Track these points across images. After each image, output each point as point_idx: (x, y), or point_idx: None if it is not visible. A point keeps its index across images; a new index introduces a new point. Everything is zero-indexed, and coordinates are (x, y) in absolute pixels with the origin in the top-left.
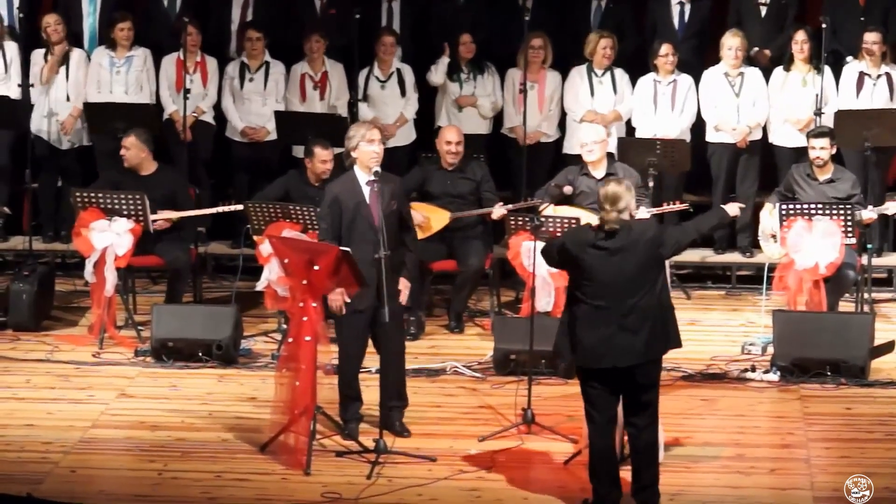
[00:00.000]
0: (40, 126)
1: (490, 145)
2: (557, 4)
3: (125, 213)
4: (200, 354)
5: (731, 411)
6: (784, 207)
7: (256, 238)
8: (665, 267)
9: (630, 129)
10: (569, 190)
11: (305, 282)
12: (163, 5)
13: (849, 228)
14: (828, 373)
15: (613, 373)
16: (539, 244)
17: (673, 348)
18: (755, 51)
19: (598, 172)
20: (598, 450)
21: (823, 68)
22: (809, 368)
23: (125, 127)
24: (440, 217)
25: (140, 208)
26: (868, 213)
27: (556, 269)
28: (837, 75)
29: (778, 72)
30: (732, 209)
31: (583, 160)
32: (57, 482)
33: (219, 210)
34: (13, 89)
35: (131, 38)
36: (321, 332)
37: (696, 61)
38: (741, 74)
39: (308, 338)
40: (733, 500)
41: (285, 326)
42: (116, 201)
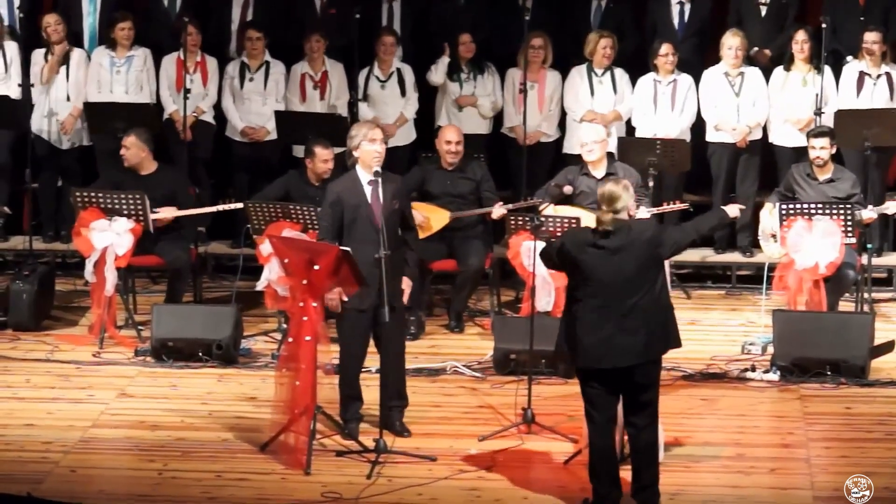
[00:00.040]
0: (40, 126)
1: (490, 145)
2: (557, 4)
3: (125, 213)
4: (200, 354)
5: (731, 411)
6: (784, 207)
7: (256, 238)
8: (665, 267)
9: (630, 129)
10: (569, 190)
11: (305, 281)
12: (163, 5)
13: (849, 228)
14: (828, 372)
15: (613, 373)
16: (539, 244)
17: (673, 348)
18: (755, 50)
19: (599, 172)
20: (598, 450)
21: (823, 68)
22: (809, 368)
23: (125, 127)
24: (440, 217)
25: (140, 208)
26: (868, 213)
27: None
28: (837, 75)
29: (778, 71)
30: (732, 210)
31: (583, 160)
32: (57, 482)
33: (219, 208)
34: (13, 89)
35: (132, 38)
36: (321, 332)
37: (696, 61)
38: (741, 74)
39: (308, 337)
40: (733, 500)
41: (285, 326)
42: (116, 201)
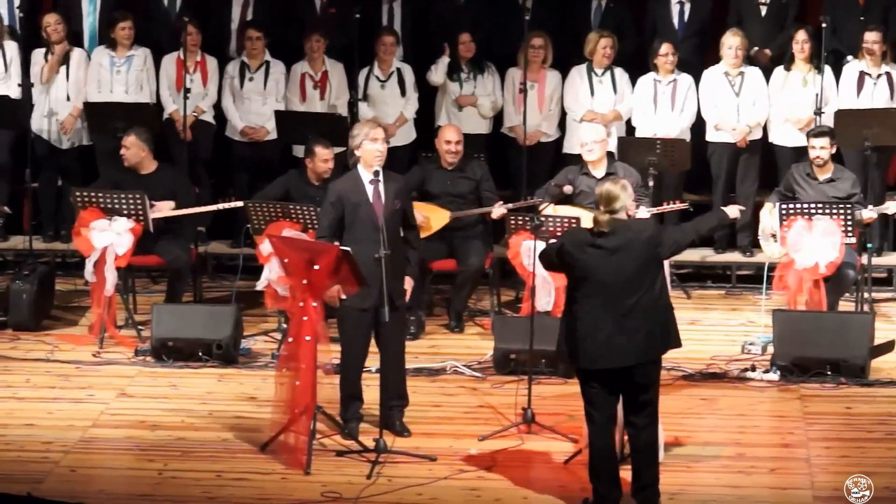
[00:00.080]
0: (40, 125)
1: (490, 145)
2: (557, 4)
3: (125, 213)
4: (200, 354)
5: (732, 411)
6: (784, 207)
7: (256, 237)
8: (664, 267)
9: (630, 129)
10: (569, 189)
11: (305, 281)
12: (163, 5)
13: (849, 228)
14: (828, 372)
15: (613, 373)
16: (539, 243)
17: (673, 348)
18: (755, 50)
19: (599, 172)
20: (598, 449)
21: (824, 68)
22: (809, 368)
23: (125, 126)
24: (440, 216)
25: (140, 208)
26: (868, 213)
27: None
28: (838, 75)
29: (778, 71)
30: (732, 211)
31: (583, 159)
32: (57, 481)
33: (220, 207)
34: (13, 89)
35: (132, 38)
36: (321, 332)
37: (696, 61)
38: (741, 74)
39: (308, 337)
40: (733, 500)
41: (285, 326)
42: (116, 201)
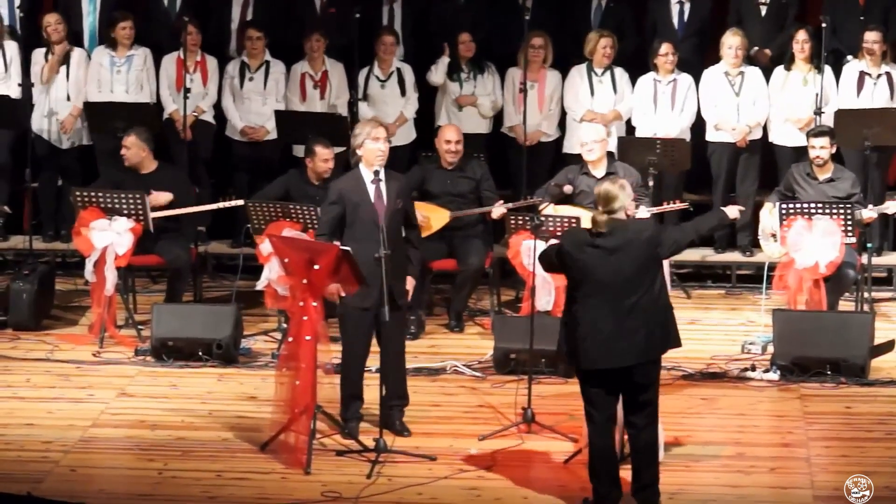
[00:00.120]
0: (41, 125)
1: (490, 144)
2: (557, 4)
3: (125, 213)
4: (200, 353)
5: (731, 410)
6: (784, 207)
7: (257, 237)
8: (664, 266)
9: (630, 129)
10: (569, 189)
11: (305, 281)
12: (163, 4)
13: (849, 227)
14: (828, 372)
15: (613, 373)
16: (539, 243)
17: (672, 348)
18: (755, 50)
19: (599, 171)
20: (598, 449)
21: (824, 67)
22: (809, 367)
23: (125, 126)
24: (440, 216)
25: (140, 207)
26: (868, 213)
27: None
28: (838, 74)
29: (779, 71)
30: (732, 212)
31: (583, 159)
32: (57, 481)
33: (220, 205)
34: (13, 89)
35: (132, 38)
36: (321, 332)
37: (696, 60)
38: (741, 74)
39: (308, 337)
40: (733, 499)
41: (285, 325)
42: (116, 200)
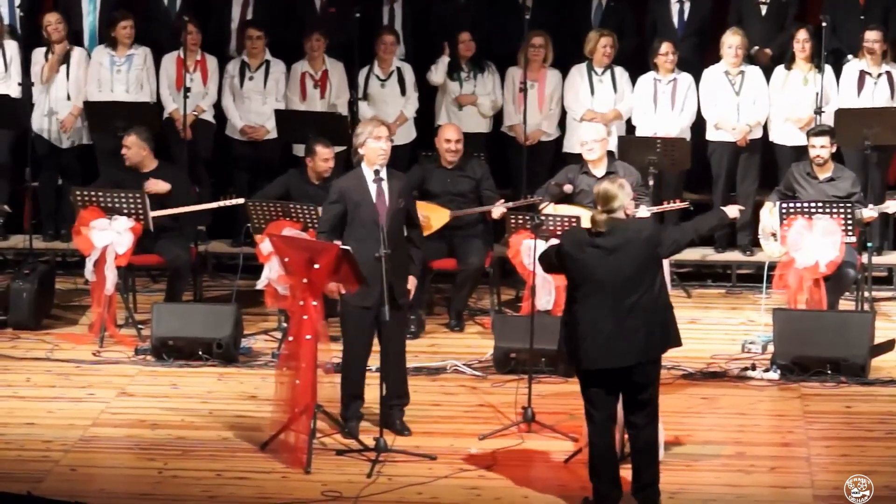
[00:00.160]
0: (41, 125)
1: (490, 144)
2: (558, 3)
3: (125, 212)
4: (201, 353)
5: (732, 410)
6: (784, 206)
7: (257, 237)
8: (664, 266)
9: (630, 128)
10: (569, 188)
11: (306, 280)
12: (163, 4)
13: (849, 227)
14: (828, 371)
15: (613, 372)
16: (539, 242)
17: (673, 347)
18: (755, 50)
19: (599, 171)
20: (598, 449)
21: (824, 67)
22: (810, 367)
23: (125, 125)
24: (440, 215)
25: (140, 207)
26: (868, 212)
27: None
28: (838, 74)
29: (779, 70)
30: (732, 211)
31: (583, 158)
32: (57, 480)
33: (221, 204)
34: (13, 88)
35: (132, 37)
36: (321, 331)
37: (696, 60)
38: (741, 73)
39: (308, 336)
40: (733, 499)
41: (285, 325)
42: (116, 200)
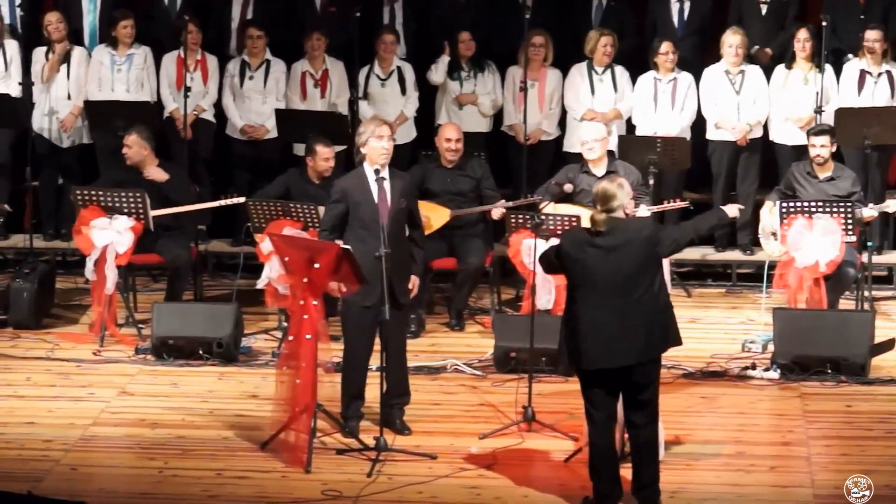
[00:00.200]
0: (41, 124)
1: (490, 143)
2: (558, 3)
3: (126, 211)
4: (201, 352)
5: (732, 409)
6: (784, 205)
7: (257, 236)
8: (664, 265)
9: (630, 127)
10: (569, 188)
11: (306, 280)
12: (163, 3)
13: (849, 226)
14: (828, 370)
15: (613, 372)
16: (539, 242)
17: (673, 346)
18: (756, 49)
19: (599, 170)
20: (598, 448)
21: (824, 66)
22: (810, 366)
23: (125, 125)
24: (440, 215)
25: (140, 206)
26: (868, 211)
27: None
28: (839, 73)
29: (780, 70)
30: (732, 210)
31: (583, 158)
32: (57, 480)
33: (222, 203)
34: (14, 87)
35: (133, 36)
36: (322, 330)
37: (697, 59)
38: (742, 72)
39: (308, 336)
40: (734, 498)
41: (286, 324)
42: (117, 199)
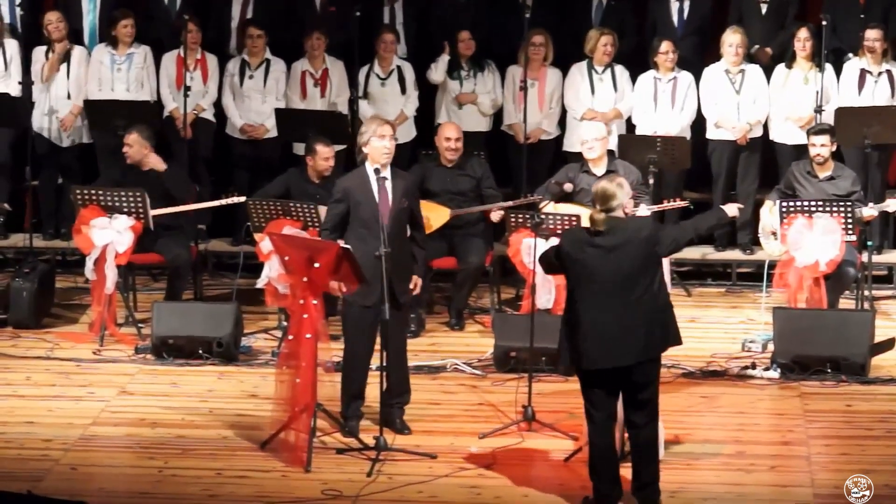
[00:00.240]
0: (41, 123)
1: (490, 142)
2: (558, 2)
3: (125, 211)
4: (201, 352)
5: (732, 408)
6: (784, 205)
7: (257, 235)
8: (664, 265)
9: (630, 127)
10: (569, 187)
11: (306, 279)
12: (163, 3)
13: (849, 225)
14: (828, 370)
15: (613, 372)
16: (539, 241)
17: (672, 346)
18: (756, 48)
19: (599, 170)
20: (598, 448)
21: (824, 66)
22: (810, 365)
23: (125, 124)
24: (440, 214)
25: (140, 205)
26: (868, 211)
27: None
28: (839, 73)
29: (780, 69)
30: (731, 210)
31: (583, 157)
32: (57, 479)
33: (222, 202)
34: (14, 87)
35: (133, 36)
36: (321, 330)
37: (697, 59)
38: (742, 72)
39: (308, 335)
40: (734, 498)
41: (286, 323)
42: (117, 198)
